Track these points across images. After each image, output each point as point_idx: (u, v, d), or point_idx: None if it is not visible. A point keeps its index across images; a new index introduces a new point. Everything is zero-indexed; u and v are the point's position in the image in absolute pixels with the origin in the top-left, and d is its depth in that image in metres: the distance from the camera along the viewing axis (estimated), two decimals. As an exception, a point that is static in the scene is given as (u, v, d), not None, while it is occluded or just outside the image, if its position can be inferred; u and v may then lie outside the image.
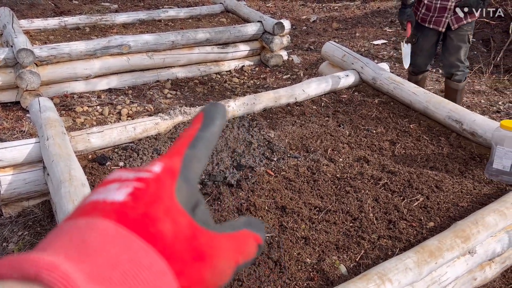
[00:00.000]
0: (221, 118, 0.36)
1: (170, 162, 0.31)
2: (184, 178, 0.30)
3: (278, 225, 1.76)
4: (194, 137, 0.33)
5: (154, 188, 0.28)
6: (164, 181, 0.29)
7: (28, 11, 5.32)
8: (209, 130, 0.34)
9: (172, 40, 3.74)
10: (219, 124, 0.35)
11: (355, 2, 7.10)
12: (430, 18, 2.91)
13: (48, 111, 2.25)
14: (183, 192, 0.29)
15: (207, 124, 0.35)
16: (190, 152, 0.32)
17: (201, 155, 0.32)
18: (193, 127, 0.34)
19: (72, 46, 3.36)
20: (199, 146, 0.33)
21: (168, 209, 0.27)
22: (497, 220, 1.67)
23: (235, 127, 2.45)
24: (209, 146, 0.34)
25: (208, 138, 0.34)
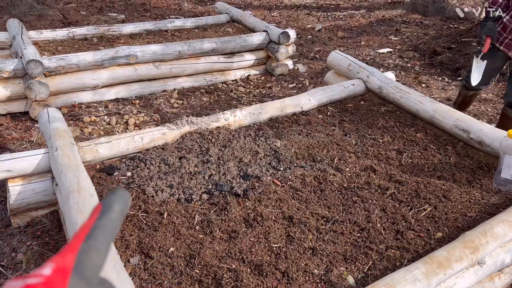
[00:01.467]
0: (120, 204, 0.36)
1: (62, 261, 0.30)
2: (78, 274, 0.29)
3: (285, 236, 1.75)
4: (90, 228, 0.33)
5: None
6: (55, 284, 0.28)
7: (36, 22, 5.40)
8: (106, 217, 0.34)
9: (178, 50, 3.78)
10: (118, 210, 0.35)
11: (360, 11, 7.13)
12: (503, 39, 2.72)
13: (57, 121, 2.28)
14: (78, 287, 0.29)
15: (105, 211, 0.35)
16: (85, 245, 0.31)
17: (98, 244, 0.32)
18: (89, 219, 0.34)
19: (80, 57, 3.40)
20: (95, 236, 0.32)
21: None
22: (506, 231, 1.66)
23: (242, 137, 2.46)
24: (108, 234, 0.33)
25: (106, 225, 0.33)
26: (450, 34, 5.34)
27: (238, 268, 1.57)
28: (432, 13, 6.47)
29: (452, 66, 4.50)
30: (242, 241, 1.70)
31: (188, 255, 1.64)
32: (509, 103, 2.82)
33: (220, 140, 2.40)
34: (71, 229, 1.66)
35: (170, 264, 1.59)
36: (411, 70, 4.61)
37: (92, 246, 0.32)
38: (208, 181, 2.08)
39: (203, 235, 1.75)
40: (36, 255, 2.06)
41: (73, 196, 1.73)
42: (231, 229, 1.78)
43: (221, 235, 1.75)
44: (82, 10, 6.35)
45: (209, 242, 1.71)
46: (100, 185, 2.04)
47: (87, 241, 0.32)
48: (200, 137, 2.42)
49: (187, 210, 1.89)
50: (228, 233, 1.76)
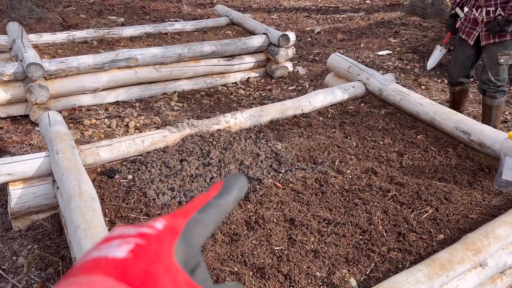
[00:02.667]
0: (239, 190, 0.37)
1: (174, 221, 0.31)
2: (184, 239, 0.30)
3: (287, 238, 1.75)
4: (207, 202, 0.34)
5: (155, 245, 0.29)
6: (165, 239, 0.29)
7: (36, 25, 5.41)
8: (223, 199, 0.35)
9: (178, 53, 3.78)
10: (235, 196, 0.36)
11: (359, 13, 7.15)
12: (464, 28, 2.92)
13: (57, 125, 2.28)
14: (181, 252, 0.30)
15: (224, 193, 0.35)
16: (198, 216, 0.33)
17: (208, 220, 0.33)
18: (208, 193, 0.35)
19: (80, 60, 3.40)
20: (208, 212, 0.33)
21: (167, 267, 0.28)
22: (508, 232, 1.66)
23: (242, 139, 2.46)
24: (219, 214, 0.34)
25: (220, 206, 0.34)
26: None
27: (240, 271, 1.57)
28: (431, 15, 6.48)
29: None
30: (244, 244, 1.70)
31: (190, 258, 1.63)
32: (479, 90, 3.04)
33: (221, 143, 2.40)
34: (73, 232, 1.65)
35: (172, 267, 1.59)
36: (410, 72, 4.62)
37: (203, 219, 0.32)
38: (209, 183, 2.08)
39: None
40: (37, 259, 2.06)
41: (74, 200, 1.73)
42: (233, 231, 1.78)
43: (222, 238, 1.75)
44: (81, 13, 6.35)
45: (211, 245, 1.70)
46: (101, 188, 2.04)
47: (200, 213, 0.33)
48: (201, 139, 2.42)
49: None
50: (229, 235, 1.76)
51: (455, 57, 3.05)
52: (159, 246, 0.29)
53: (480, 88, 3.02)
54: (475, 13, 2.78)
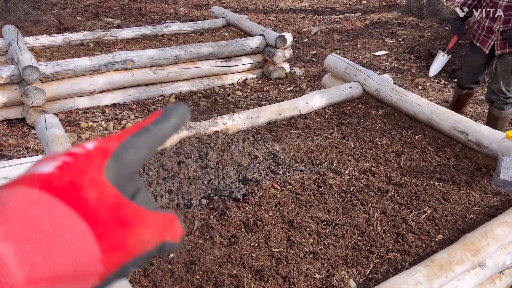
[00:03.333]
0: (178, 118, 0.36)
1: (105, 143, 0.32)
2: (115, 159, 0.31)
3: (286, 240, 1.75)
4: (142, 128, 0.34)
5: (83, 162, 0.29)
6: (94, 157, 0.30)
7: (32, 28, 5.39)
8: (160, 126, 0.34)
9: (175, 54, 3.77)
10: (173, 123, 0.35)
11: (356, 13, 7.16)
12: (478, 36, 2.84)
13: (54, 128, 2.27)
14: (112, 170, 0.30)
15: (161, 120, 0.35)
16: (131, 140, 0.32)
17: (141, 145, 0.33)
18: (146, 120, 0.35)
19: (77, 62, 3.39)
20: (142, 137, 0.33)
21: (94, 180, 0.29)
22: (506, 232, 1.66)
23: (240, 141, 2.45)
24: (155, 140, 0.34)
25: (156, 132, 0.34)
26: (446, 36, 5.37)
27: (239, 274, 1.56)
28: (427, 15, 6.50)
29: (448, 68, 4.51)
30: (243, 246, 1.70)
31: (189, 261, 1.63)
32: (487, 99, 2.98)
33: (218, 145, 2.40)
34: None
35: (170, 270, 1.58)
36: (407, 72, 4.63)
37: (136, 144, 0.32)
38: (207, 186, 2.07)
39: (203, 240, 1.74)
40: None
41: (72, 203, 1.72)
42: (231, 234, 1.77)
43: (221, 240, 1.74)
44: (77, 15, 6.34)
45: (209, 247, 1.70)
46: (98, 191, 2.02)
47: (133, 137, 0.33)
48: (198, 141, 2.41)
49: (186, 216, 1.88)
50: (228, 238, 1.76)
51: (466, 64, 2.98)
52: (87, 163, 0.29)
53: (488, 98, 2.94)
54: (490, 22, 2.70)
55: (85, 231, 0.26)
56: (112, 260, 0.28)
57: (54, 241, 0.25)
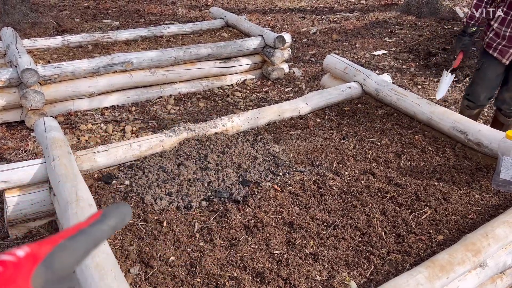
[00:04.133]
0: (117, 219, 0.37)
1: (38, 249, 0.32)
2: (45, 265, 0.31)
3: (286, 242, 1.74)
4: (79, 230, 0.34)
5: (11, 271, 0.30)
6: (23, 265, 0.30)
7: (30, 30, 5.38)
8: (98, 227, 0.35)
9: (174, 56, 3.77)
10: (112, 225, 0.36)
11: (354, 13, 7.16)
12: (497, 45, 2.64)
13: (53, 131, 2.26)
14: (40, 278, 0.30)
15: (100, 221, 0.36)
16: (65, 243, 0.33)
17: (76, 248, 0.33)
18: (85, 222, 0.36)
19: (76, 65, 3.38)
20: (78, 239, 0.34)
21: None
22: (507, 232, 1.66)
23: (240, 142, 2.45)
24: (91, 242, 0.34)
25: (93, 234, 0.35)
26: (445, 35, 5.36)
27: (239, 276, 1.56)
28: (426, 14, 6.50)
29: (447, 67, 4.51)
30: (243, 248, 1.69)
31: (189, 263, 1.63)
32: (497, 107, 2.84)
33: (218, 146, 2.39)
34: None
35: (171, 273, 1.58)
36: (406, 71, 4.62)
37: (70, 247, 0.33)
38: (207, 188, 2.07)
39: (204, 243, 1.74)
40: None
41: (71, 207, 1.71)
42: (232, 236, 1.77)
43: (221, 243, 1.74)
44: (76, 17, 6.33)
45: (210, 250, 1.69)
46: (98, 194, 2.02)
47: (69, 240, 0.33)
48: (198, 143, 2.41)
49: (186, 218, 1.88)
50: (228, 240, 1.75)
51: (482, 77, 2.75)
52: (15, 272, 0.30)
53: (498, 105, 2.82)
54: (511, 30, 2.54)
55: None
56: None
57: None
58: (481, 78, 2.76)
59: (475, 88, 2.79)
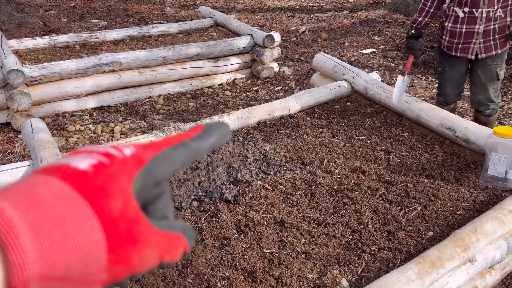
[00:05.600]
0: (217, 137, 0.36)
1: (143, 152, 0.32)
2: (147, 170, 0.31)
3: (278, 241, 1.74)
4: (181, 142, 0.34)
5: (117, 167, 0.30)
6: (128, 165, 0.30)
7: (16, 31, 5.31)
8: (199, 143, 0.35)
9: (163, 55, 3.75)
10: (212, 142, 0.36)
11: (343, 12, 7.19)
12: (456, 45, 2.65)
13: (40, 132, 2.23)
14: (140, 182, 0.31)
15: (201, 137, 0.35)
16: (167, 152, 0.33)
17: (177, 159, 0.33)
18: (186, 134, 0.35)
19: (63, 65, 3.34)
20: (179, 151, 0.33)
21: (122, 189, 0.29)
22: (495, 228, 1.68)
23: (230, 142, 2.44)
24: (191, 156, 0.34)
25: (194, 148, 0.34)
26: (432, 33, 5.41)
27: (231, 276, 1.55)
28: (413, 12, 6.55)
29: (435, 65, 4.56)
30: (235, 248, 1.69)
31: (180, 264, 1.62)
32: (475, 109, 2.86)
33: (208, 146, 2.38)
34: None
35: (162, 274, 1.57)
36: (395, 70, 4.66)
37: (171, 156, 0.33)
38: (197, 188, 2.06)
39: (195, 243, 1.73)
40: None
41: (60, 209, 1.69)
42: (223, 236, 1.77)
43: (213, 243, 1.73)
44: (63, 17, 6.26)
45: (201, 250, 1.69)
46: (87, 196, 2.00)
47: (171, 150, 0.33)
48: (188, 143, 2.39)
49: (177, 219, 1.87)
50: (220, 240, 1.75)
51: (448, 78, 2.80)
52: (121, 169, 0.30)
53: (475, 108, 2.83)
54: (469, 25, 2.55)
55: (100, 241, 0.27)
56: (115, 272, 0.29)
57: (72, 244, 0.26)
58: (446, 79, 2.84)
59: (444, 89, 2.88)
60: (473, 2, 2.50)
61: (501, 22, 2.54)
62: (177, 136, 0.35)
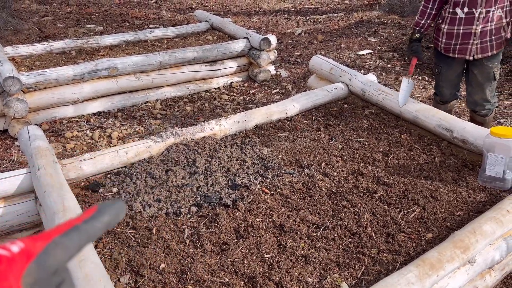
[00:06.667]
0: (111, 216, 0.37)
1: (31, 245, 0.32)
2: (38, 263, 0.31)
3: (277, 245, 1.74)
4: (72, 227, 0.34)
5: (4, 267, 0.30)
6: (16, 262, 0.30)
7: (12, 37, 5.29)
8: (91, 224, 0.35)
9: (159, 60, 3.74)
10: (105, 220, 0.36)
11: (339, 13, 7.20)
12: (454, 46, 2.65)
13: (38, 140, 2.22)
14: (32, 275, 0.31)
15: (94, 217, 0.36)
16: (59, 240, 0.33)
17: (70, 244, 0.33)
18: (78, 218, 0.36)
19: (59, 72, 3.34)
20: (71, 236, 0.34)
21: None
22: (494, 228, 1.68)
23: (228, 146, 2.44)
24: (84, 238, 0.35)
25: (87, 230, 0.35)
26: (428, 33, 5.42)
27: (231, 282, 1.55)
28: (409, 13, 6.57)
29: (431, 65, 4.57)
30: (234, 253, 1.69)
31: (180, 270, 1.61)
32: (472, 110, 2.87)
33: (206, 151, 2.38)
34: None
35: (161, 281, 1.56)
36: (391, 70, 4.67)
37: (63, 243, 0.33)
38: (196, 193, 2.05)
39: (194, 249, 1.72)
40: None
41: (58, 217, 1.69)
42: (222, 241, 1.76)
43: (212, 248, 1.73)
44: (58, 22, 6.25)
45: (200, 256, 1.68)
46: (85, 203, 1.99)
47: (62, 237, 0.33)
48: (186, 148, 2.39)
49: (176, 224, 1.86)
50: (219, 245, 1.74)
51: (445, 79, 2.82)
52: (8, 268, 0.30)
53: (471, 108, 2.84)
54: (466, 26, 2.56)
55: None
56: None
57: None
58: (443, 80, 2.86)
59: (441, 89, 2.91)
60: (470, 3, 2.51)
61: (497, 23, 2.55)
62: (68, 222, 0.35)
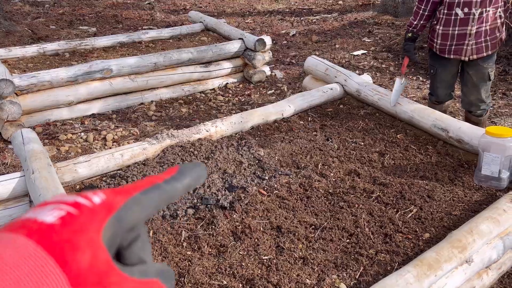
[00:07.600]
0: (192, 179, 0.36)
1: (113, 198, 0.31)
2: (118, 218, 0.30)
3: (275, 247, 1.73)
4: (153, 185, 0.33)
5: (86, 217, 0.29)
6: (98, 214, 0.30)
7: (4, 39, 5.25)
8: (172, 185, 0.34)
9: (154, 62, 3.73)
10: (186, 183, 0.35)
11: (333, 14, 7.22)
12: (449, 47, 2.64)
13: (31, 143, 2.20)
14: (111, 230, 0.30)
15: (175, 178, 0.35)
16: (139, 197, 0.32)
17: (149, 203, 0.32)
18: (160, 176, 0.35)
19: (53, 74, 3.31)
20: (151, 195, 0.33)
21: (91, 241, 0.28)
22: (491, 228, 1.69)
23: (224, 147, 2.43)
24: (164, 199, 0.34)
25: (167, 191, 0.34)
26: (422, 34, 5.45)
27: (229, 284, 1.54)
28: (402, 13, 6.60)
29: (425, 65, 4.59)
30: (232, 255, 1.68)
31: (177, 273, 1.60)
32: (467, 110, 2.88)
33: (202, 152, 2.37)
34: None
35: (159, 284, 1.55)
36: (386, 71, 4.68)
37: (143, 201, 0.32)
38: (192, 195, 2.04)
39: (191, 251, 1.71)
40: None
41: (54, 221, 1.67)
42: (220, 243, 1.75)
43: (209, 251, 1.72)
44: (51, 24, 6.20)
45: (198, 258, 1.67)
46: (81, 206, 1.97)
47: (142, 194, 0.32)
48: (181, 150, 2.38)
49: (173, 227, 1.85)
50: (216, 247, 1.73)
51: (440, 80, 2.82)
52: (90, 219, 0.29)
53: (466, 108, 2.84)
54: (461, 26, 2.55)
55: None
56: None
57: None
58: (438, 81, 2.85)
59: (436, 90, 2.90)
60: (465, 4, 2.51)
61: (492, 23, 2.56)
62: (149, 179, 0.34)
